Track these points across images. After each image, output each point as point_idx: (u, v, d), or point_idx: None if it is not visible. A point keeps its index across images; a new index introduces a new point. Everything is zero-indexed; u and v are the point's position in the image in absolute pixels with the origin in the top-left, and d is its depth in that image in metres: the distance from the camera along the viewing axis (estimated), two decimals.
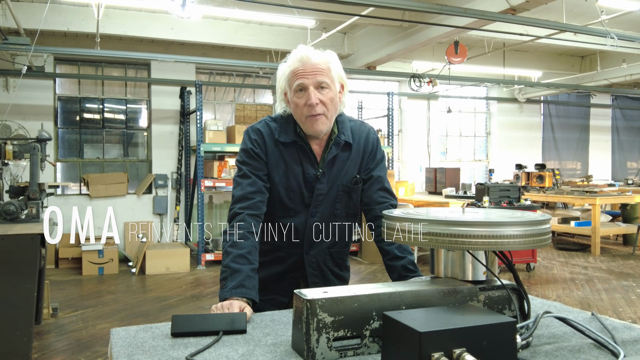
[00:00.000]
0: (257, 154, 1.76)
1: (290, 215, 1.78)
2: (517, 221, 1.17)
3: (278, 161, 1.77)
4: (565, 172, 12.50)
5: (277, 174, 1.76)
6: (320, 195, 1.78)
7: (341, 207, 1.83)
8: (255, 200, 1.71)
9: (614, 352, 1.13)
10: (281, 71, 1.76)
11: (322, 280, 1.84)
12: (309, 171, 1.77)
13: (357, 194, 1.85)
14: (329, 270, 1.86)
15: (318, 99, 1.67)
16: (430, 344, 0.92)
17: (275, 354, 1.15)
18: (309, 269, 1.82)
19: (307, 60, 1.69)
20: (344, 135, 1.80)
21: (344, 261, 1.92)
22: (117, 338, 1.26)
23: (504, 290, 1.26)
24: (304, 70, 1.68)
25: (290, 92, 1.72)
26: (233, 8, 6.59)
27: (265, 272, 1.79)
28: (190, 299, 5.79)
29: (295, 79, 1.69)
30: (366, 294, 1.15)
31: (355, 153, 1.84)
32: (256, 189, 1.73)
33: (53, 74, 8.15)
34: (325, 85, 1.69)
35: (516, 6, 5.64)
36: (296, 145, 1.77)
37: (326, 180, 1.78)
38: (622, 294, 5.84)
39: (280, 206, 1.78)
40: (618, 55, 9.77)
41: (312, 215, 1.78)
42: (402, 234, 1.24)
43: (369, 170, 1.86)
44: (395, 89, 10.60)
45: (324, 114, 1.70)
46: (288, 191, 1.76)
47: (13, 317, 3.37)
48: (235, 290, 1.53)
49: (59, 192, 8.22)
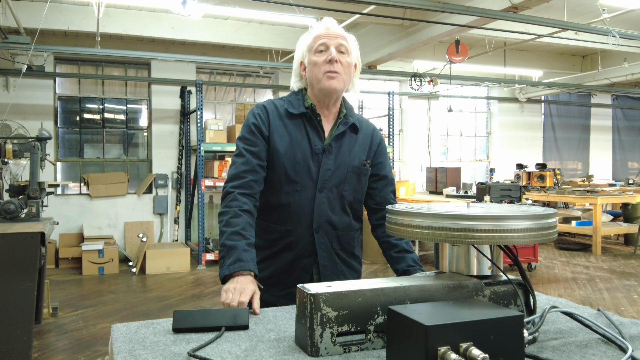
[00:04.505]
0: (257, 127, 1.76)
1: (296, 190, 1.76)
2: (523, 215, 1.15)
3: (282, 134, 1.76)
4: (566, 171, 12.48)
5: (282, 146, 1.75)
6: (327, 171, 1.77)
7: (350, 190, 1.81)
8: (247, 179, 1.71)
9: (622, 347, 1.11)
10: (302, 40, 1.82)
11: (330, 264, 1.81)
12: (316, 143, 1.76)
13: (366, 178, 1.86)
14: (337, 254, 1.82)
15: (338, 58, 1.73)
16: (437, 338, 0.91)
17: (278, 350, 1.13)
18: (319, 251, 1.78)
19: (331, 26, 1.78)
20: (352, 118, 1.84)
21: (351, 247, 1.87)
22: (118, 334, 1.25)
23: (510, 285, 1.25)
24: (327, 34, 1.76)
25: (310, 54, 1.77)
26: (234, 7, 6.58)
27: (277, 264, 1.79)
28: (191, 299, 5.78)
29: (317, 40, 1.76)
30: (370, 289, 1.13)
31: (362, 140, 1.86)
32: (249, 167, 1.72)
33: (53, 74, 8.14)
34: (344, 50, 1.76)
35: (518, 4, 5.62)
36: (305, 117, 1.78)
37: (333, 156, 1.78)
38: (624, 293, 5.82)
39: (286, 180, 1.75)
40: (619, 54, 9.75)
41: (319, 191, 1.76)
42: (406, 228, 1.23)
43: (380, 168, 1.89)
44: (396, 89, 10.59)
45: (341, 75, 1.74)
46: (294, 164, 1.74)
47: (13, 316, 3.35)
48: (234, 265, 1.54)
49: (59, 191, 8.21)
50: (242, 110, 8.84)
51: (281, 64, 8.36)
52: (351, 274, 1.86)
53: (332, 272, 1.80)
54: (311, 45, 1.77)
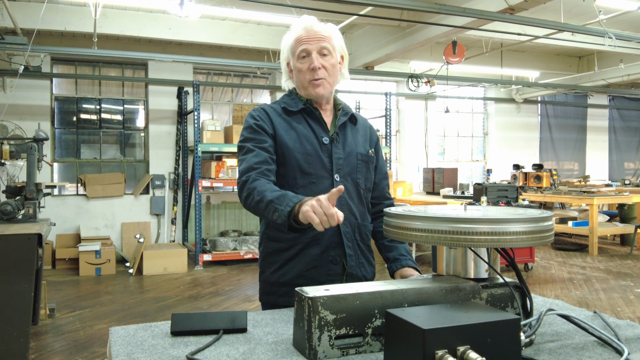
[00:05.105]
0: (259, 126, 1.74)
1: (312, 182, 1.72)
2: (520, 218, 1.16)
3: (287, 129, 1.75)
4: (562, 172, 12.51)
5: (289, 140, 1.73)
6: (339, 159, 1.76)
7: (362, 178, 1.82)
8: (262, 168, 1.65)
9: (617, 350, 1.12)
10: (285, 41, 1.81)
11: (354, 254, 1.77)
12: (321, 135, 1.77)
13: (372, 166, 1.88)
14: (358, 245, 1.79)
15: (320, 64, 1.73)
16: (435, 342, 0.91)
17: (276, 353, 1.13)
18: (346, 240, 1.74)
19: (310, 28, 1.75)
20: (349, 109, 1.88)
21: (368, 239, 1.85)
22: (117, 337, 1.25)
23: (507, 288, 1.25)
24: (307, 36, 1.74)
25: (294, 59, 1.77)
26: (231, 7, 6.58)
27: (304, 261, 1.72)
28: (188, 300, 5.77)
29: (298, 45, 1.75)
30: (368, 292, 1.14)
31: (363, 131, 1.89)
32: (261, 159, 1.67)
33: (50, 74, 8.12)
34: (327, 52, 1.75)
35: (514, 6, 5.64)
36: (305, 112, 1.79)
37: (341, 145, 1.79)
38: (620, 293, 5.84)
39: (300, 173, 1.72)
40: (615, 55, 9.79)
41: (336, 180, 1.74)
42: (404, 231, 1.23)
43: (377, 162, 1.92)
44: (393, 89, 10.60)
45: (326, 79, 1.75)
46: (305, 155, 1.73)
47: (10, 317, 3.35)
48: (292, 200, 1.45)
49: (56, 192, 8.19)
50: (240, 110, 8.84)
51: (278, 64, 8.28)
52: (370, 269, 1.84)
53: (356, 263, 1.77)
54: (293, 49, 1.77)
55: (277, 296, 1.75)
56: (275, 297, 1.76)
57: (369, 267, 1.83)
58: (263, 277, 1.82)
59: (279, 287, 1.75)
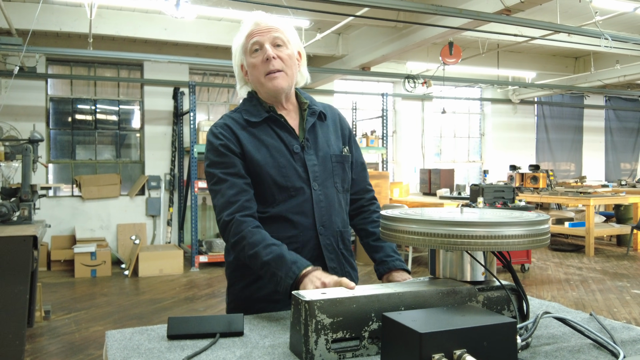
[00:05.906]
0: (225, 147, 1.61)
1: (291, 195, 1.63)
2: (516, 221, 1.16)
3: (255, 144, 1.63)
4: (559, 173, 12.55)
5: (260, 156, 1.62)
6: (314, 166, 1.66)
7: (339, 181, 1.73)
8: (241, 201, 1.57)
9: (613, 353, 1.12)
10: (236, 42, 1.71)
11: (338, 265, 1.71)
12: (291, 143, 1.65)
13: (349, 165, 1.78)
14: (341, 254, 1.73)
15: (275, 54, 1.63)
16: (431, 345, 0.91)
17: (273, 356, 1.13)
18: (325, 252, 1.67)
19: (261, 21, 1.67)
20: (316, 107, 1.75)
21: (350, 244, 1.79)
22: (113, 341, 1.24)
23: (503, 291, 1.25)
24: (258, 29, 1.65)
25: (248, 56, 1.67)
26: (227, 8, 6.57)
27: None
28: (184, 301, 5.76)
29: (250, 39, 1.65)
30: (365, 295, 1.13)
31: (333, 127, 1.78)
32: (237, 189, 1.58)
33: (45, 75, 8.09)
34: (281, 42, 1.65)
35: (511, 7, 5.65)
36: (269, 121, 1.67)
37: (314, 151, 1.68)
38: (616, 294, 5.86)
39: (277, 189, 1.62)
40: (611, 56, 9.82)
41: (314, 189, 1.65)
42: (401, 234, 1.23)
43: (352, 157, 1.82)
44: (390, 90, 10.61)
45: (283, 71, 1.64)
46: (279, 169, 1.62)
47: (5, 319, 3.33)
48: (293, 268, 1.43)
49: (51, 193, 8.16)
50: None
51: None
52: (354, 274, 1.78)
53: (340, 273, 1.66)
54: (245, 46, 1.67)
55: (250, 313, 1.55)
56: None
57: (353, 273, 1.77)
58: (232, 291, 1.74)
59: (252, 303, 1.64)
